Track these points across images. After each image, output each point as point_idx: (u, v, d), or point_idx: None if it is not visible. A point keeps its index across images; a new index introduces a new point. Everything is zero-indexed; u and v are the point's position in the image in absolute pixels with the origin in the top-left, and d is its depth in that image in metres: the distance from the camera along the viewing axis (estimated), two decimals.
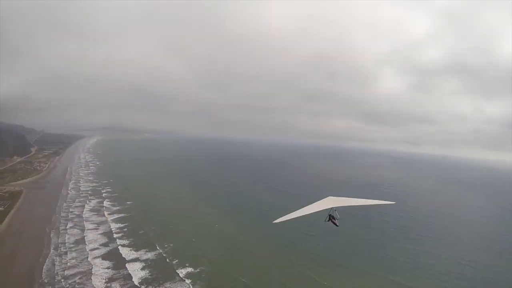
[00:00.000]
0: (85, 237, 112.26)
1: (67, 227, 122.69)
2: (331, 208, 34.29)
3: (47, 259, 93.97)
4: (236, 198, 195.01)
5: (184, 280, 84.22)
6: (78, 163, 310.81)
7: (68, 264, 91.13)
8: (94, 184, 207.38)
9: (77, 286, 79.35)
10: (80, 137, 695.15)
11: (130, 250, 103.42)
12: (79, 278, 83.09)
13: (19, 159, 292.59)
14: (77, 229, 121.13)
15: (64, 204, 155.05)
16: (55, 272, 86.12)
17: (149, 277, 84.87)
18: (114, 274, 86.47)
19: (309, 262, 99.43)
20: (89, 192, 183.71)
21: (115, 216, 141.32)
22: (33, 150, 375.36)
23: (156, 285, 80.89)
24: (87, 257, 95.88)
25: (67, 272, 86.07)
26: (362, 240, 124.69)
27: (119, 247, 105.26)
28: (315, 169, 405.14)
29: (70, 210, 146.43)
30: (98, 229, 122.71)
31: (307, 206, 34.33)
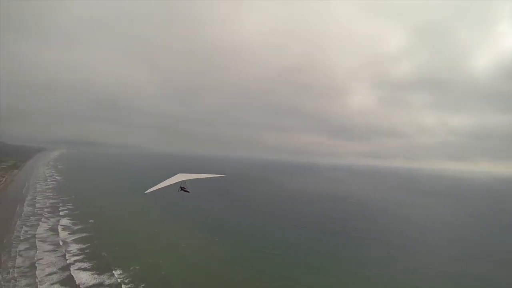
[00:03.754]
0: (41, 260, 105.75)
1: (21, 248, 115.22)
2: (183, 181, 45.59)
3: None
4: (200, 214, 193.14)
5: None
6: (37, 177, 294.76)
7: None
8: (54, 201, 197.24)
9: None
10: (42, 149, 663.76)
11: (92, 274, 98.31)
12: None
13: None
14: (32, 251, 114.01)
15: (20, 223, 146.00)
16: None
17: None
18: None
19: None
20: (48, 210, 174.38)
21: (76, 236, 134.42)
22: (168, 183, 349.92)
23: None
24: (41, 284, 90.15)
25: None
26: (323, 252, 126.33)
27: (78, 271, 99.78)
28: (281, 183, 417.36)
29: (26, 229, 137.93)
30: (56, 251, 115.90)
31: (165, 180, 45.49)
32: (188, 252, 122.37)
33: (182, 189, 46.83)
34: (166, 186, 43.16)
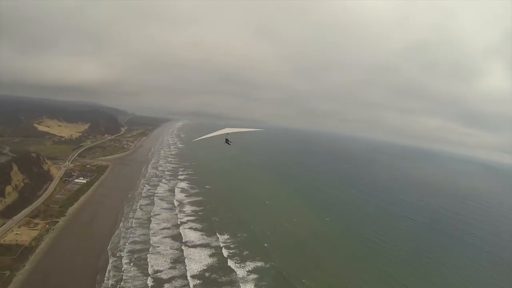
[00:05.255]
0: (157, 216, 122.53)
1: (142, 204, 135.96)
2: (227, 134, 55.35)
3: (117, 230, 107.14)
4: (318, 193, 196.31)
5: (244, 277, 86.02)
6: (162, 144, 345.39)
7: (134, 239, 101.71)
8: (175, 166, 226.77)
9: (134, 259, 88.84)
10: (167, 120, 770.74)
11: (200, 235, 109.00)
12: (138, 254, 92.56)
13: (109, 137, 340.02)
14: (151, 207, 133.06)
15: (143, 182, 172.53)
16: (121, 244, 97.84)
17: (203, 272, 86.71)
18: (172, 256, 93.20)
19: None
20: (169, 173, 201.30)
21: (191, 198, 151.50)
22: (123, 130, 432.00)
23: (211, 284, 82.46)
24: (154, 235, 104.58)
25: (130, 246, 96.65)
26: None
27: (188, 230, 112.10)
28: (400, 169, 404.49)
29: (148, 188, 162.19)
30: (171, 209, 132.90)
31: (214, 132, 54.13)
32: (296, 229, 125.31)
33: (227, 141, 59.29)
34: (213, 136, 53.25)
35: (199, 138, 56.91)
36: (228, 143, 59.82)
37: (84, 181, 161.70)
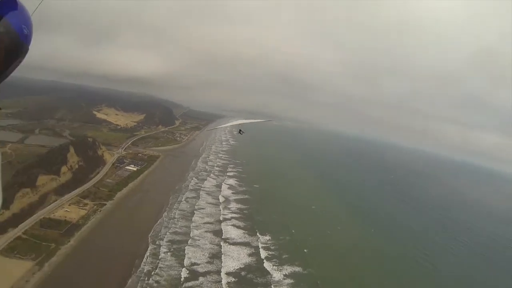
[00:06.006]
0: (201, 210, 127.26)
1: (188, 196, 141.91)
2: (240, 124, 61.23)
3: (160, 219, 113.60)
4: (364, 203, 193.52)
5: (279, 281, 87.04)
6: (214, 139, 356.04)
7: (175, 230, 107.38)
8: (225, 162, 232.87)
9: (173, 249, 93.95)
10: (222, 116, 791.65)
11: (241, 233, 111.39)
12: (177, 244, 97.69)
13: (163, 129, 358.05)
14: (196, 200, 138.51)
15: (192, 175, 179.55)
16: (162, 233, 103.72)
17: (239, 271, 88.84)
18: (210, 251, 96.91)
19: None
20: (218, 168, 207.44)
21: (238, 196, 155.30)
22: (177, 122, 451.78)
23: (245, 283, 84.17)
24: (195, 228, 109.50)
25: (170, 236, 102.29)
26: None
27: (230, 227, 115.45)
28: (451, 187, 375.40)
29: (196, 181, 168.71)
30: (216, 205, 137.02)
31: (228, 123, 78.84)
32: (338, 238, 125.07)
33: (240, 131, 64.50)
34: (227, 126, 55.36)
35: (212, 128, 62.06)
36: (241, 133, 64.59)
37: (135, 169, 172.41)
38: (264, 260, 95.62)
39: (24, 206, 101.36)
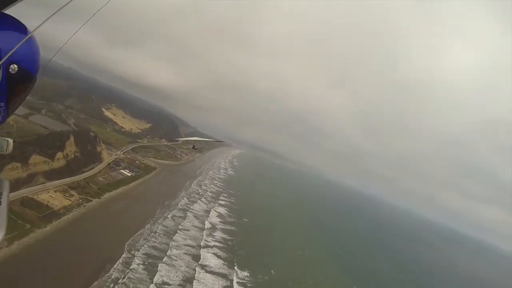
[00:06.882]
0: (185, 231, 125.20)
1: (175, 214, 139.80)
2: (194, 141, 78.72)
3: (141, 230, 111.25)
4: (352, 258, 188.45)
5: None
6: (213, 165, 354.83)
7: (154, 244, 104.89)
8: (219, 189, 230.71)
9: (147, 263, 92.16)
10: (226, 144, 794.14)
11: (219, 263, 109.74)
12: (153, 259, 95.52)
13: (165, 143, 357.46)
14: (182, 220, 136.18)
15: (183, 194, 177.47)
16: (140, 244, 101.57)
17: None
18: (185, 274, 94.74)
19: None
20: (211, 194, 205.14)
21: (224, 226, 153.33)
22: (180, 140, 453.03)
23: None
24: (175, 248, 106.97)
25: (148, 249, 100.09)
26: None
27: (210, 255, 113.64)
28: (442, 255, 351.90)
29: (186, 202, 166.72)
30: (202, 229, 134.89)
31: (186, 138, 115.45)
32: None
33: (193, 147, 71.37)
34: (184, 140, 63.33)
35: (176, 139, 68.02)
36: (195, 148, 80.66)
37: (129, 174, 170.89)
38: None
39: (11, 179, 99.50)
